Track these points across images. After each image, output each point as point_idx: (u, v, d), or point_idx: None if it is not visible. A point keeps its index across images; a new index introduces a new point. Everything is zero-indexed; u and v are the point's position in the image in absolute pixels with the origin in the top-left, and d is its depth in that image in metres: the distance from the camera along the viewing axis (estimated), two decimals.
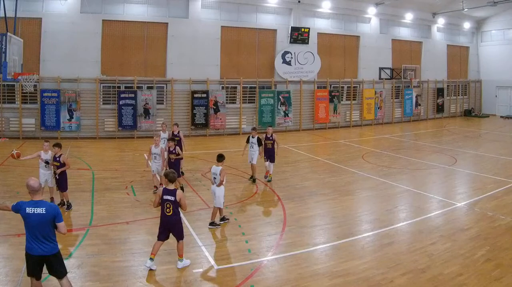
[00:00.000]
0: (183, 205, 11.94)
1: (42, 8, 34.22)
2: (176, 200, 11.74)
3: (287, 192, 19.48)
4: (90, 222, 15.16)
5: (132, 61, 36.84)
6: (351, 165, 25.76)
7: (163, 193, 11.83)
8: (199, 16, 38.65)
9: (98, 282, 10.75)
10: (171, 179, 11.89)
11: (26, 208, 9.13)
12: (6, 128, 33.46)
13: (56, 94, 34.02)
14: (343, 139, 36.93)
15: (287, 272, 11.64)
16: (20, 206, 9.23)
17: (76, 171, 22.56)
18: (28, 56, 31.96)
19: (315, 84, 43.65)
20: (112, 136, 35.62)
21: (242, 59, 40.93)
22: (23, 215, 9.14)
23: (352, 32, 46.36)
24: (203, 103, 37.99)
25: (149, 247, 12.47)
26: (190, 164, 25.14)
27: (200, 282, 11.10)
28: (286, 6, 42.07)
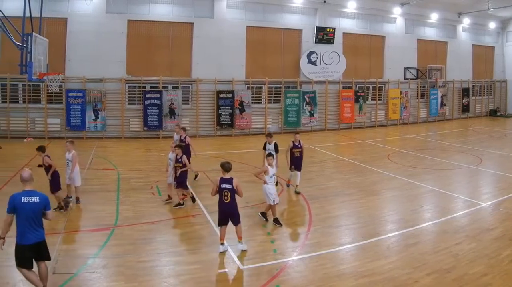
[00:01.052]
0: (239, 192, 12.52)
1: (67, 8, 33.33)
2: (233, 188, 12.31)
3: (313, 192, 18.87)
4: (115, 222, 14.80)
5: (157, 61, 35.94)
6: (376, 165, 24.97)
7: (220, 182, 12.33)
8: (225, 16, 37.58)
9: (123, 282, 10.52)
10: (226, 168, 12.46)
11: (22, 198, 9.28)
12: (31, 128, 32.78)
13: (81, 94, 33.25)
14: (368, 139, 35.89)
15: (312, 272, 11.35)
16: (14, 198, 9.31)
17: (102, 171, 22.24)
18: (54, 56, 30.12)
19: (341, 84, 42.30)
20: (137, 136, 34.75)
21: (267, 59, 39.73)
22: (19, 206, 9.20)
23: (378, 32, 44.78)
24: (228, 103, 36.97)
25: (174, 247, 12.67)
26: (215, 164, 22.82)
27: (225, 282, 10.93)
28: (311, 6, 40.81)
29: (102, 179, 20.27)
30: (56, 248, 12.05)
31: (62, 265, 11.17)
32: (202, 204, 16.99)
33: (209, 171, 22.71)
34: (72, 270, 10.65)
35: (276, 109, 39.47)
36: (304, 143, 27.81)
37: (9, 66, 29.47)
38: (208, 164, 24.56)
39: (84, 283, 10.24)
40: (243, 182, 17.25)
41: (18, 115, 32.41)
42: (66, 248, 12.40)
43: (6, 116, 32.14)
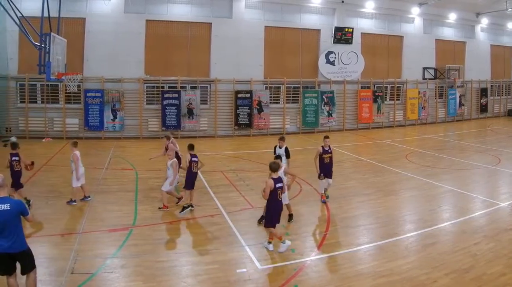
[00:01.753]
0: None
1: (85, 8, 32.67)
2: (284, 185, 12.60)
3: (331, 192, 18.06)
4: (133, 222, 14.63)
5: (175, 61, 35.22)
6: (394, 165, 24.39)
7: (275, 183, 12.07)
8: (243, 16, 36.72)
9: (141, 282, 10.41)
10: (274, 169, 12.19)
11: None
12: (50, 128, 32.19)
13: (99, 94, 32.52)
14: (386, 139, 35.02)
15: (330, 272, 11.25)
16: None
17: (120, 171, 22.00)
18: (72, 56, 29.70)
19: (359, 84, 41.16)
20: (155, 136, 33.76)
21: (285, 59, 38.72)
22: None
23: (396, 32, 43.47)
24: (246, 103, 36.11)
25: (193, 247, 12.59)
26: (233, 163, 24.36)
27: (243, 282, 10.66)
28: (329, 6, 39.59)
29: (120, 179, 19.88)
30: (74, 248, 12.03)
31: (80, 265, 11.02)
32: (220, 204, 16.66)
33: (227, 171, 22.31)
34: (91, 270, 10.64)
35: (294, 109, 38.49)
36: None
37: (28, 66, 29.48)
38: (227, 163, 24.13)
39: (102, 283, 10.22)
40: (261, 181, 16.95)
41: (36, 115, 31.80)
42: (85, 248, 12.21)
43: (24, 116, 31.51)
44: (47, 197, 16.95)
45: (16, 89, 31.83)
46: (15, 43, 31.08)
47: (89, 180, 18.48)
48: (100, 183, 19.12)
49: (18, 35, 30.03)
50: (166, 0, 34.38)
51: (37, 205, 15.78)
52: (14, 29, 28.42)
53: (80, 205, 16.20)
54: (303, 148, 29.81)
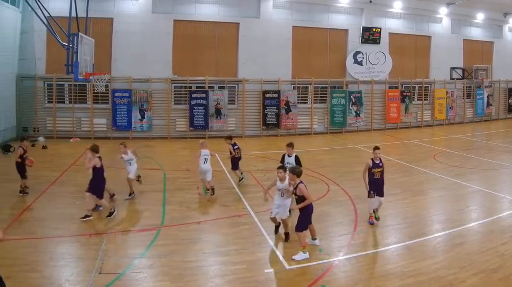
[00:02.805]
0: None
1: (113, 8, 31.56)
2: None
3: (359, 192, 17.09)
4: (161, 222, 14.14)
5: (203, 61, 33.94)
6: (422, 165, 23.38)
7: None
8: (271, 16, 35.13)
9: (169, 282, 10.06)
10: (298, 173, 11.85)
11: None
12: (77, 128, 31.24)
13: (127, 94, 31.32)
14: (414, 139, 33.45)
15: (358, 272, 10.78)
16: None
17: (148, 171, 21.02)
18: (100, 56, 28.62)
19: (387, 84, 39.20)
20: (183, 136, 32.67)
21: (313, 59, 37.02)
22: None
23: (424, 32, 41.22)
24: (274, 103, 34.60)
25: (220, 247, 12.15)
26: (261, 163, 23.55)
27: (271, 282, 10.36)
28: (357, 6, 37.82)
29: (148, 179, 19.02)
30: (102, 248, 11.70)
31: (108, 265, 10.69)
32: (247, 204, 16.06)
33: (254, 171, 21.55)
34: (119, 270, 10.37)
35: (322, 109, 36.86)
36: (350, 143, 27.24)
37: (55, 66, 28.59)
38: (254, 163, 23.27)
39: (130, 283, 9.96)
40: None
41: (64, 116, 30.89)
42: (113, 248, 11.85)
43: (52, 117, 30.66)
44: (75, 197, 16.39)
45: (44, 89, 30.89)
46: (43, 43, 30.16)
47: (116, 180, 18.26)
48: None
49: (46, 35, 29.04)
50: (194, 0, 33.21)
51: (64, 205, 15.38)
52: (42, 29, 27.75)
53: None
54: (330, 148, 29.26)
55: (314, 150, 28.58)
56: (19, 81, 29.76)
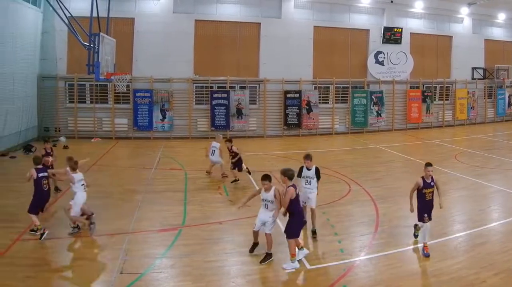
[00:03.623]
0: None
1: (134, 8, 30.39)
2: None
3: (380, 192, 17.14)
4: (182, 222, 13.68)
5: (224, 61, 32.51)
6: (444, 165, 22.15)
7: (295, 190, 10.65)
8: (292, 16, 33.61)
9: (190, 282, 9.73)
10: (290, 176, 10.89)
11: None
12: (99, 128, 30.09)
13: (148, 94, 30.09)
14: (435, 139, 32.03)
15: (379, 272, 10.38)
16: None
17: (169, 171, 20.70)
18: (121, 56, 27.64)
19: (408, 84, 37.27)
20: (204, 136, 31.09)
21: (334, 59, 35.27)
22: None
23: (445, 32, 39.33)
24: (295, 103, 33.14)
25: (242, 247, 11.66)
26: (282, 164, 21.35)
27: (292, 282, 10.03)
28: (378, 6, 36.20)
29: (169, 179, 18.73)
30: (123, 248, 11.30)
31: (129, 265, 10.35)
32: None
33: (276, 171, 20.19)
34: (140, 270, 10.07)
35: (343, 109, 35.25)
36: (371, 143, 26.84)
37: (77, 66, 27.91)
38: (276, 164, 22.16)
39: (151, 283, 9.66)
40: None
41: (85, 115, 29.80)
42: (134, 248, 11.42)
43: (73, 117, 29.57)
44: (96, 197, 15.36)
45: (65, 90, 29.78)
46: (64, 43, 29.12)
47: (138, 180, 18.37)
48: (149, 183, 18.03)
49: (67, 35, 28.10)
50: (215, 0, 31.96)
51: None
52: (63, 29, 27.04)
53: (129, 205, 15.11)
54: (351, 148, 28.47)
55: (336, 150, 27.67)
56: (40, 81, 28.63)
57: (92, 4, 21.90)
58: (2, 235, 11.77)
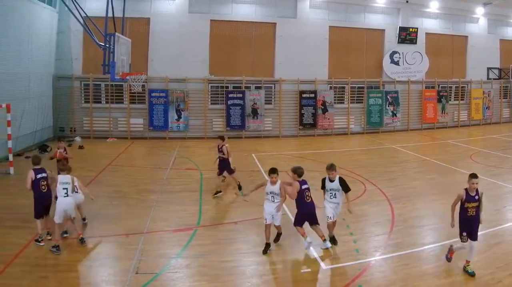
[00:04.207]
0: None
1: (150, 8, 29.57)
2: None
3: (395, 192, 16.65)
4: (198, 222, 13.34)
5: (240, 61, 31.50)
6: (459, 165, 21.69)
7: (301, 184, 10.85)
8: (307, 16, 32.45)
9: (206, 282, 9.42)
10: (300, 173, 11.01)
11: None
12: (114, 128, 29.24)
13: (164, 94, 29.18)
14: (451, 139, 30.95)
15: (395, 272, 9.99)
16: None
17: (184, 171, 20.23)
18: (136, 56, 26.72)
19: (423, 84, 35.96)
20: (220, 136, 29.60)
21: (350, 59, 34.08)
22: None
23: (460, 32, 38.18)
24: (311, 103, 32.04)
25: (257, 247, 11.29)
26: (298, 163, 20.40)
27: (308, 282, 9.59)
28: (394, 6, 34.91)
29: (184, 179, 18.32)
30: (139, 248, 11.03)
31: (145, 265, 10.09)
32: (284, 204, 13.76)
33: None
34: (155, 270, 9.82)
35: (359, 109, 34.01)
36: (386, 143, 26.36)
37: (92, 66, 27.27)
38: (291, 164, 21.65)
39: (167, 283, 9.41)
40: None
41: (100, 115, 29.01)
42: (149, 248, 11.13)
43: (89, 117, 28.79)
44: (112, 197, 15.60)
45: (81, 89, 28.99)
46: (80, 43, 28.44)
47: (153, 180, 18.07)
48: (164, 183, 17.61)
49: (83, 35, 27.46)
50: (230, 0, 31.00)
51: (101, 205, 14.19)
52: (79, 29, 26.53)
53: (144, 205, 14.77)
54: (367, 148, 27.62)
55: (351, 150, 26.84)
56: (55, 81, 27.88)
57: (108, 4, 21.11)
58: (17, 235, 11.51)
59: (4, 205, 14.19)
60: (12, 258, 10.14)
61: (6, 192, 15.89)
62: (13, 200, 14.58)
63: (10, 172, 18.47)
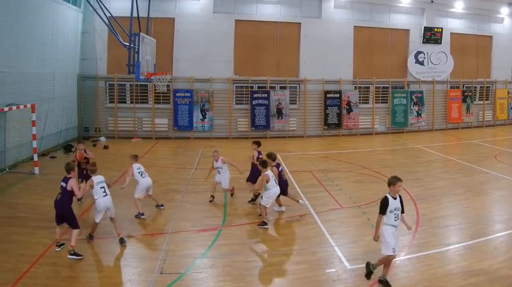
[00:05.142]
0: None
1: (175, 8, 28.20)
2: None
3: (420, 192, 16.01)
4: (223, 222, 12.90)
5: (264, 61, 29.91)
6: (483, 165, 20.87)
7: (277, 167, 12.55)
8: (332, 16, 30.71)
9: (230, 282, 9.13)
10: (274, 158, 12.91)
11: None
12: (139, 128, 28.02)
13: (189, 94, 27.79)
14: (475, 139, 29.46)
15: (420, 272, 9.57)
16: None
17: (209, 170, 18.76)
18: (161, 56, 25.78)
19: (448, 84, 34.20)
20: (245, 136, 28.82)
21: (374, 59, 32.33)
22: None
23: (485, 32, 36.17)
24: (335, 103, 30.36)
25: (282, 247, 11.14)
26: (323, 164, 21.42)
27: (332, 282, 9.17)
28: (418, 6, 33.02)
29: (209, 179, 16.71)
30: (163, 248, 10.70)
31: (169, 265, 9.74)
32: (309, 203, 14.41)
33: (316, 171, 19.54)
34: (180, 270, 9.49)
35: (383, 109, 32.20)
36: (411, 143, 27.02)
37: (117, 66, 26.55)
38: (316, 163, 21.23)
39: (191, 283, 9.08)
40: (351, 181, 17.46)
41: (125, 116, 27.80)
42: (174, 248, 10.77)
43: (113, 117, 27.62)
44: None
45: (105, 90, 27.78)
46: (104, 43, 27.24)
47: (178, 180, 17.64)
48: (189, 183, 17.19)
49: (107, 35, 26.52)
50: (255, 0, 29.42)
51: (126, 205, 13.55)
52: (103, 29, 25.68)
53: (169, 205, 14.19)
54: (392, 148, 26.48)
55: (376, 149, 25.74)
56: (80, 81, 26.79)
57: (132, 4, 20.75)
58: (43, 235, 11.19)
59: (29, 205, 13.79)
60: (37, 258, 9.83)
61: (31, 192, 15.42)
62: (39, 200, 14.18)
63: (35, 172, 17.90)
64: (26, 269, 9.26)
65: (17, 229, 11.71)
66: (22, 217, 12.71)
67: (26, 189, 15.87)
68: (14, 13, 18.85)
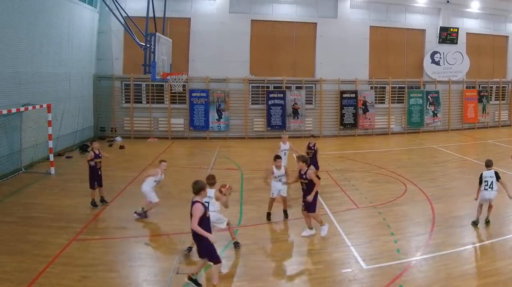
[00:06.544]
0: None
1: (191, 8, 27.39)
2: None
3: (436, 192, 15.61)
4: (239, 221, 12.49)
5: (280, 61, 28.94)
6: (499, 165, 18.91)
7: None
8: (348, 16, 29.61)
9: (246, 281, 8.89)
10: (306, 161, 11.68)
11: None
12: (155, 128, 27.25)
13: (204, 94, 27.01)
14: (491, 139, 28.47)
15: (436, 272, 9.25)
16: None
17: (225, 171, 19.03)
18: (177, 56, 24.85)
19: (464, 84, 32.96)
20: (260, 136, 28.05)
21: (390, 59, 31.21)
22: None
23: (501, 32, 34.75)
24: (351, 103, 29.29)
25: (298, 247, 10.81)
26: (339, 164, 21.03)
27: (348, 282, 8.90)
28: (434, 6, 31.76)
29: (225, 179, 16.28)
30: (179, 248, 10.30)
31: (185, 265, 9.42)
32: (325, 204, 14.13)
33: (332, 171, 19.09)
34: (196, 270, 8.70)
35: (399, 109, 31.06)
36: (427, 143, 26.50)
37: (133, 66, 25.44)
38: (332, 163, 20.79)
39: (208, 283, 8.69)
40: (366, 181, 17.06)
41: (141, 115, 27.09)
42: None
43: (129, 117, 26.84)
44: None
45: (121, 89, 27.07)
46: (120, 43, 26.56)
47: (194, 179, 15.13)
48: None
49: (123, 35, 25.83)
50: (271, 0, 28.42)
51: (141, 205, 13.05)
52: (119, 29, 25.14)
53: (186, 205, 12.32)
54: (408, 148, 25.84)
55: (392, 150, 25.13)
56: (96, 81, 26.14)
57: (148, 4, 20.07)
58: (59, 235, 10.92)
59: (45, 205, 13.50)
60: (53, 258, 9.55)
61: (47, 192, 15.08)
62: (55, 200, 13.94)
63: (51, 172, 17.46)
64: (42, 269, 9.01)
65: (33, 229, 11.37)
66: (38, 217, 12.36)
67: (42, 189, 15.48)
68: (30, 13, 18.17)
